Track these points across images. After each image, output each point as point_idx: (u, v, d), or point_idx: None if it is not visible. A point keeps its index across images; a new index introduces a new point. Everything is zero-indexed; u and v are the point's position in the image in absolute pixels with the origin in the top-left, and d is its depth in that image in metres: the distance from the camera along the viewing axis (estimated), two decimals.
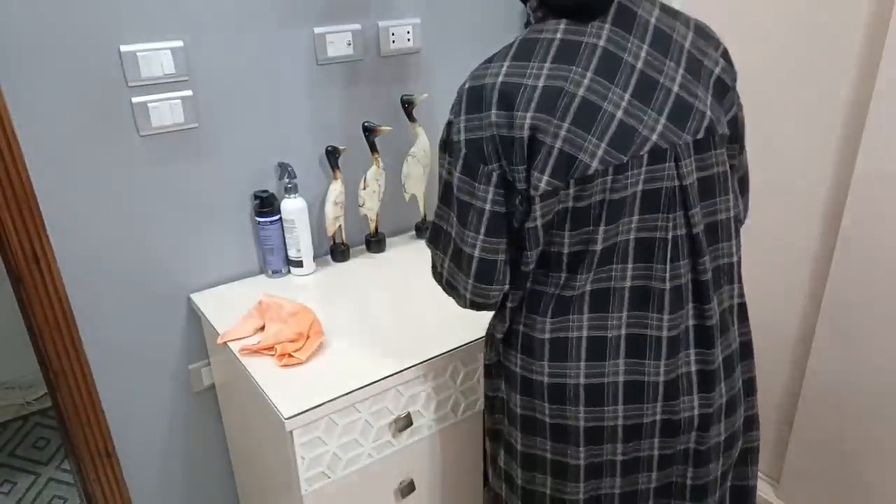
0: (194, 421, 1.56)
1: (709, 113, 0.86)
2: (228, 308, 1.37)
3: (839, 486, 1.50)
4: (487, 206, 0.86)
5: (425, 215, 1.70)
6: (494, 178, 0.85)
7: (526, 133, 0.81)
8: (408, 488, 1.28)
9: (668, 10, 0.88)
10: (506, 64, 0.84)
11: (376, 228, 1.62)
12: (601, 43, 0.83)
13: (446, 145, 0.89)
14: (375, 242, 1.62)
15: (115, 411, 1.44)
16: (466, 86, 0.87)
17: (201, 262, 1.45)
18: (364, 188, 1.56)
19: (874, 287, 1.32)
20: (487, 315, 1.32)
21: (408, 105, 1.56)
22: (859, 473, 1.45)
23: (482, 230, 0.87)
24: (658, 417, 0.91)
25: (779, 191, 1.46)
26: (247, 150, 1.43)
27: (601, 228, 0.85)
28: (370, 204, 1.58)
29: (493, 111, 0.83)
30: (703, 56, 0.88)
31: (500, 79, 0.83)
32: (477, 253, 0.88)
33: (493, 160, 0.84)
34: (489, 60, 0.87)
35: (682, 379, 0.90)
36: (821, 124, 1.35)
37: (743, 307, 0.98)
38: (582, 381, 0.90)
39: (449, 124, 0.89)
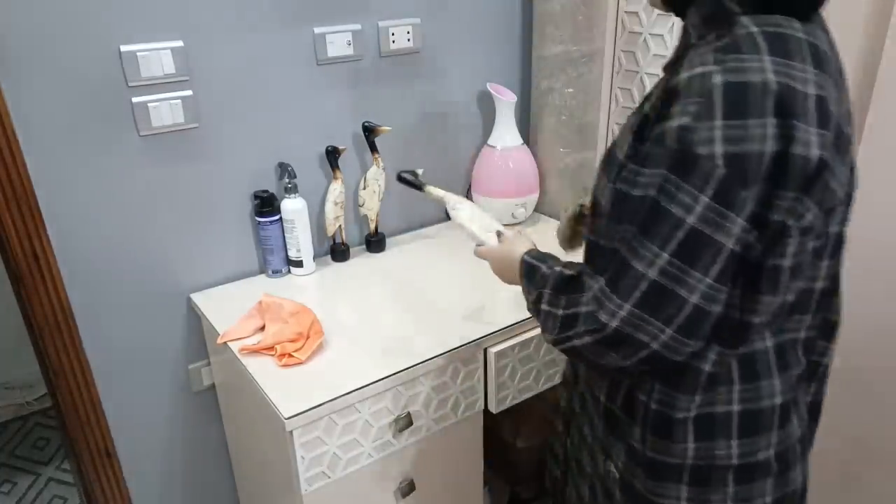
0: (194, 421, 1.56)
1: None
2: (228, 308, 1.37)
3: (839, 485, 1.50)
4: (730, 244, 0.69)
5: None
6: (748, 208, 0.68)
7: (814, 153, 0.67)
8: (408, 488, 1.28)
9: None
10: (766, 59, 0.67)
11: (376, 228, 1.62)
12: (829, 52, 0.71)
13: (681, 160, 0.68)
14: (375, 242, 1.62)
15: (115, 411, 1.44)
16: (718, 79, 0.67)
17: (201, 261, 1.45)
18: (364, 188, 1.56)
19: (872, 288, 1.32)
20: (486, 314, 1.32)
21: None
22: (858, 473, 1.45)
23: (712, 272, 0.70)
24: None
25: None
26: (247, 150, 1.43)
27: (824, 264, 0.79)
28: (370, 204, 1.58)
29: (770, 118, 0.66)
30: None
31: (772, 76, 0.66)
32: (695, 299, 0.70)
33: (755, 183, 0.67)
34: (725, 51, 0.68)
35: None
36: None
37: None
38: None
39: (685, 129, 0.68)
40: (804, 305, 0.79)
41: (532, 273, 0.89)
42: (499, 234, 1.12)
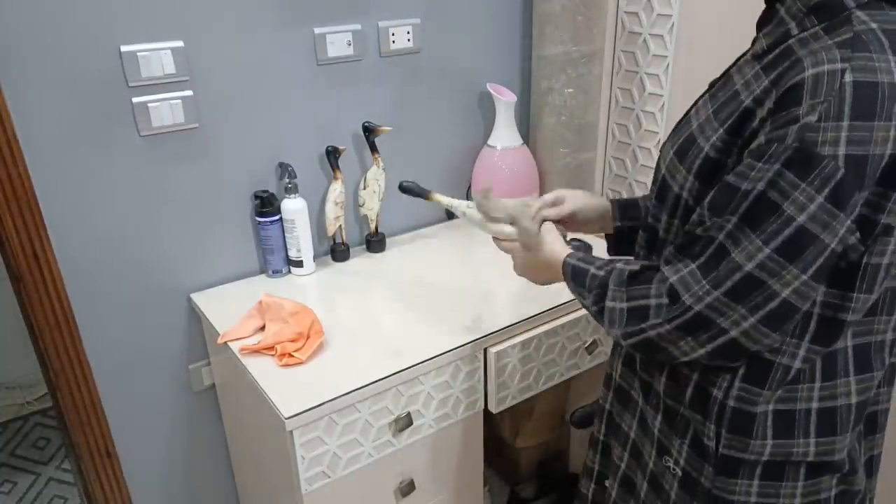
0: (194, 421, 1.56)
1: None
2: (229, 308, 1.37)
3: None
4: (833, 244, 0.68)
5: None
6: (858, 209, 0.68)
7: None
8: (408, 488, 1.28)
9: None
10: (891, 59, 0.66)
11: (376, 228, 1.62)
12: None
13: (801, 158, 0.67)
14: (375, 242, 1.62)
15: (115, 411, 1.44)
16: (849, 78, 0.65)
17: (201, 261, 1.45)
18: (364, 188, 1.56)
19: None
20: (486, 314, 1.32)
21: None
22: None
23: (810, 270, 0.69)
24: None
25: None
26: (247, 150, 1.43)
27: None
28: (370, 204, 1.58)
29: (895, 121, 0.65)
30: None
31: None
32: (787, 293, 0.70)
33: (869, 186, 0.67)
34: (852, 47, 0.67)
35: None
36: None
37: None
38: None
39: (809, 128, 0.66)
40: (892, 305, 0.78)
41: (580, 275, 0.87)
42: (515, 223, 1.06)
